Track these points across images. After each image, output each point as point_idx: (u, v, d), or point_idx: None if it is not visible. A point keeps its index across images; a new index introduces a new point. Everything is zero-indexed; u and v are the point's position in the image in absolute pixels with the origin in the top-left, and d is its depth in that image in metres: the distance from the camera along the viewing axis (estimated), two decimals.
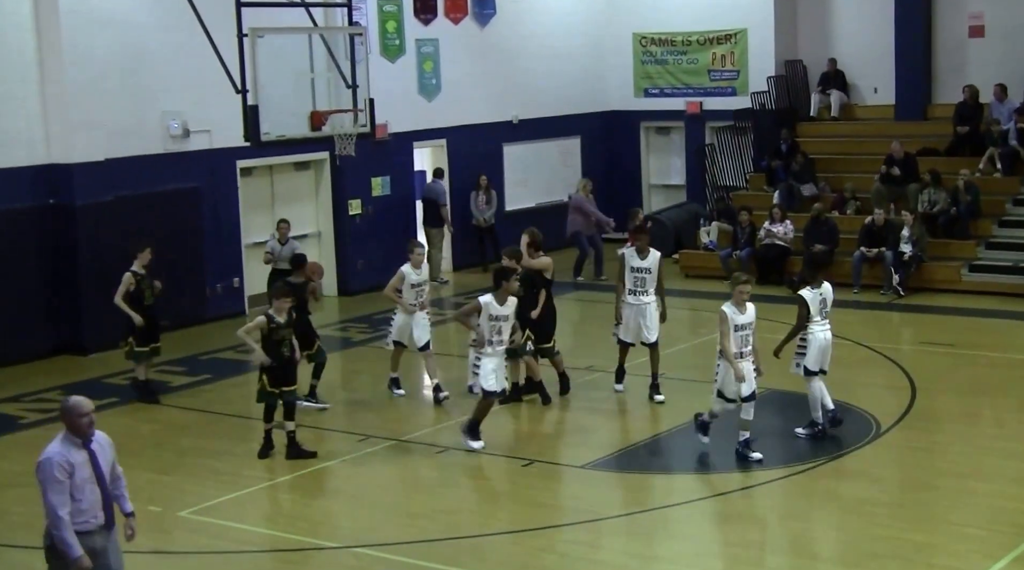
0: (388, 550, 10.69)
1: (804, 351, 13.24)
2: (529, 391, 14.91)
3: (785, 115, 25.17)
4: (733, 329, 12.33)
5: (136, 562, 10.55)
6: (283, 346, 13.09)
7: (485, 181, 24.32)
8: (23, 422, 15.04)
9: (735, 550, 10.69)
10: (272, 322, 13.03)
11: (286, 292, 13.41)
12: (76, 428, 8.11)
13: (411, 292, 15.09)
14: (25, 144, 17.84)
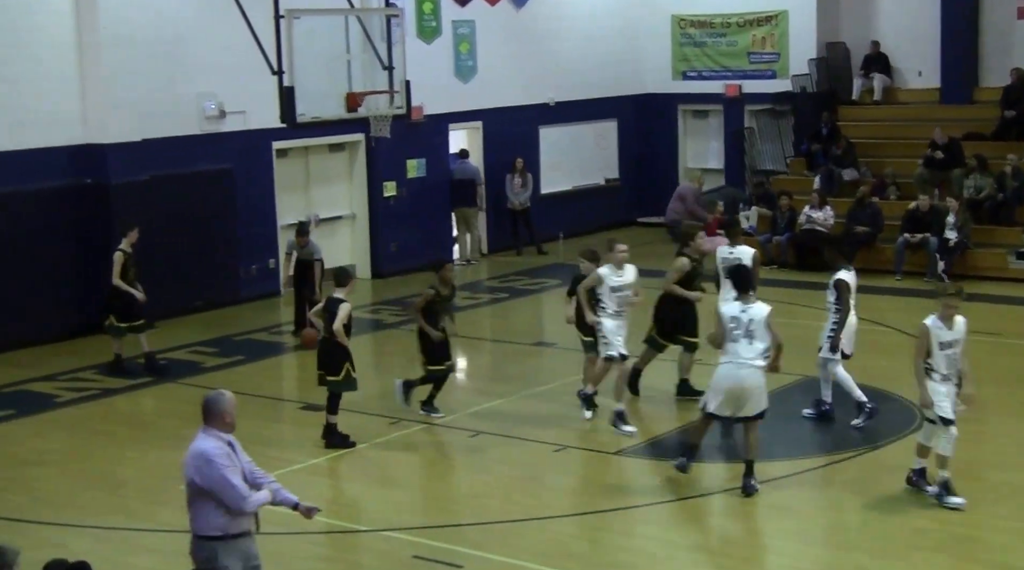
0: (418, 534, 10.62)
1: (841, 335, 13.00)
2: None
3: (826, 98, 24.88)
4: (938, 347, 10.81)
5: (168, 541, 10.56)
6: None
7: (520, 164, 24.19)
8: (58, 400, 15.08)
9: (771, 540, 10.56)
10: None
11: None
12: (223, 423, 7.78)
13: (612, 297, 13.23)
14: (62, 124, 17.85)
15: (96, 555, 9.53)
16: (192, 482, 7.66)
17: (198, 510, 7.70)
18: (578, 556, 10.21)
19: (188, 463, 7.70)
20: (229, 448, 7.77)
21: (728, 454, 12.63)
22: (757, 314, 11.08)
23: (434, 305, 13.52)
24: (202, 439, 7.73)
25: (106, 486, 12.16)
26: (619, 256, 13.32)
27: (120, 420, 14.49)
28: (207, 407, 7.81)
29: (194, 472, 7.64)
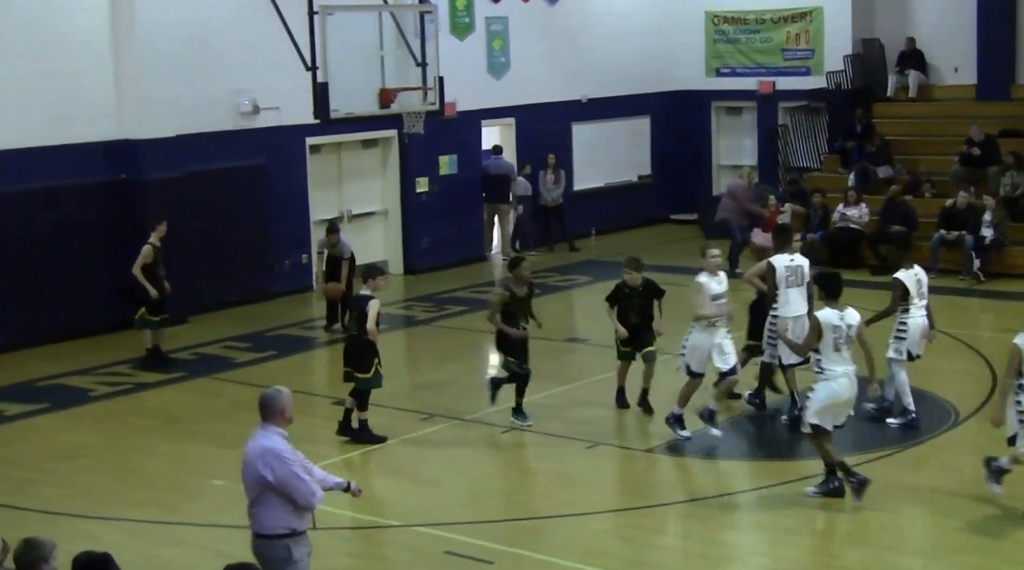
0: (449, 529, 10.62)
1: (904, 336, 12.89)
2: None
3: (861, 95, 24.71)
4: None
5: (199, 535, 10.61)
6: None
7: (553, 160, 24.16)
8: (93, 394, 15.16)
9: (804, 539, 10.49)
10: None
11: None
12: (283, 419, 7.76)
13: (711, 306, 12.61)
14: (97, 120, 17.95)
15: (128, 548, 9.60)
16: (262, 480, 7.58)
17: (267, 509, 7.64)
18: (610, 553, 10.18)
19: (255, 462, 7.61)
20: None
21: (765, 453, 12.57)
22: (854, 320, 10.84)
23: (509, 306, 13.23)
24: (266, 437, 7.67)
25: (139, 480, 12.22)
26: (712, 261, 12.84)
27: (153, 414, 14.55)
28: (266, 404, 7.76)
29: (266, 470, 7.57)
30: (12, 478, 12.17)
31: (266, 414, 7.76)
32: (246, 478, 7.72)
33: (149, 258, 15.83)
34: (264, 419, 7.77)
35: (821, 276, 11.61)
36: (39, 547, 6.91)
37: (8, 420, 14.21)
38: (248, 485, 7.71)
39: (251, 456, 7.67)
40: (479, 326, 18.93)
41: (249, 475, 7.68)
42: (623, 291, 13.46)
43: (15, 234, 17.13)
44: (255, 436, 7.75)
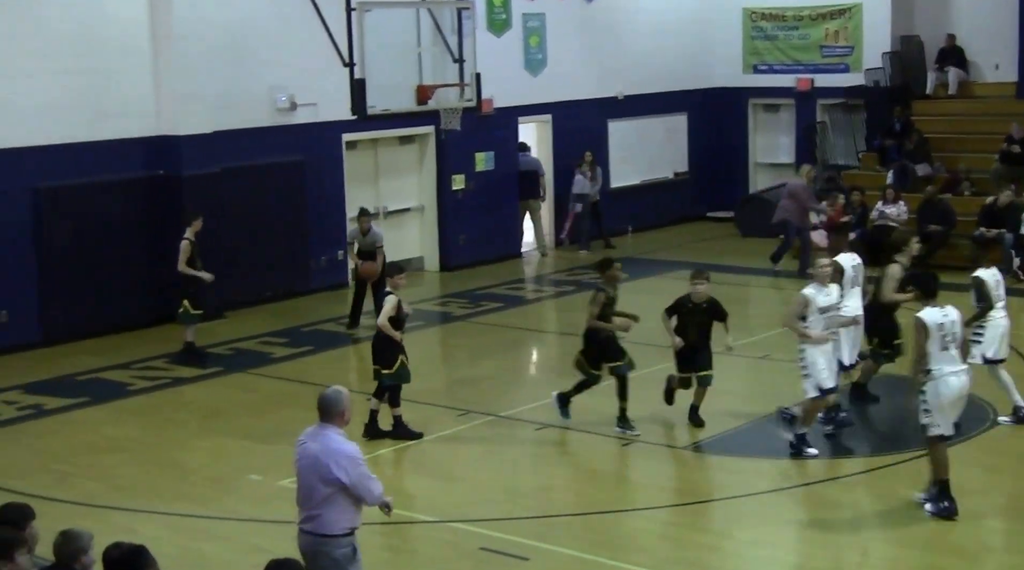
0: (484, 526, 10.64)
1: (980, 338, 12.58)
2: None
3: (900, 92, 24.56)
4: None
5: (237, 530, 10.67)
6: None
7: (590, 157, 24.13)
8: (131, 388, 15.26)
9: (840, 537, 10.45)
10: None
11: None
12: (342, 420, 7.78)
13: (820, 319, 11.95)
14: (136, 116, 18.07)
15: (166, 541, 9.67)
16: (336, 482, 7.57)
17: (335, 509, 7.63)
18: (646, 550, 10.17)
19: (327, 463, 7.57)
20: None
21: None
22: (956, 316, 10.62)
23: (604, 308, 12.90)
24: (333, 439, 7.66)
25: (176, 474, 12.30)
26: (822, 272, 12.11)
27: (190, 409, 14.65)
28: (327, 404, 7.74)
29: (340, 472, 7.57)
30: (53, 471, 12.29)
31: (326, 414, 7.74)
32: (309, 479, 7.64)
33: (188, 253, 15.93)
34: (323, 419, 7.74)
35: (919, 276, 11.37)
36: (77, 539, 6.97)
37: (48, 413, 14.33)
38: (312, 485, 7.63)
39: (320, 457, 7.60)
40: (514, 322, 19.01)
41: (315, 476, 7.61)
42: (686, 305, 12.88)
43: (55, 229, 17.26)
44: (317, 437, 7.70)
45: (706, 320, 12.88)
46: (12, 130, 16.77)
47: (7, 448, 13.12)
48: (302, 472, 7.73)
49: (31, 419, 14.14)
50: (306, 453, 7.71)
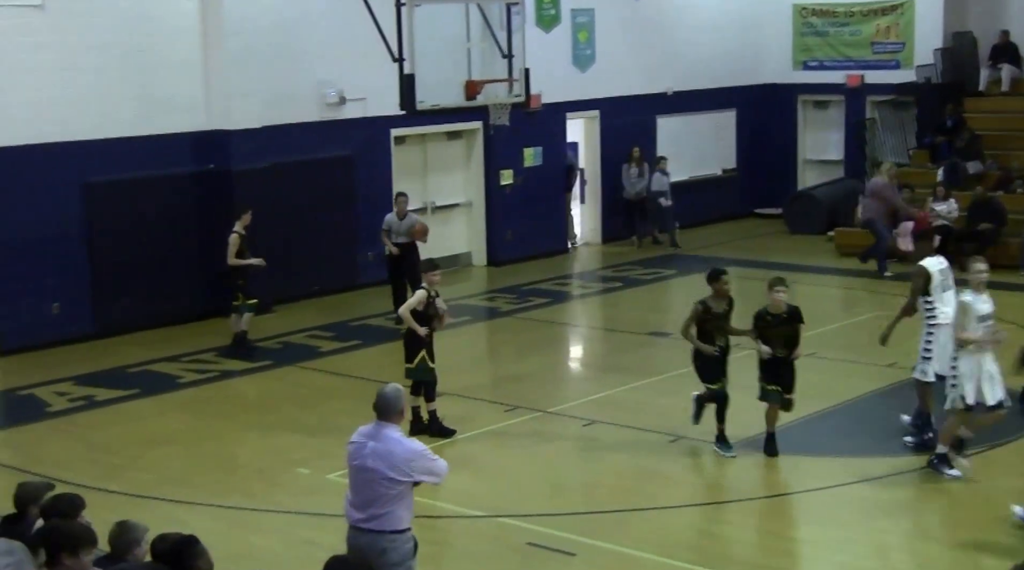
0: (531, 521, 10.66)
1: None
2: None
3: (951, 89, 24.34)
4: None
5: (285, 522, 10.75)
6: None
7: (638, 153, 24.09)
8: (181, 381, 15.40)
9: (886, 537, 10.38)
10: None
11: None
12: (401, 417, 7.85)
13: (979, 328, 11.05)
14: (187, 111, 18.23)
15: (216, 533, 9.74)
16: (411, 479, 7.62)
17: (403, 504, 7.66)
18: (692, 547, 10.16)
19: (400, 464, 7.57)
20: None
21: (848, 449, 12.45)
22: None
23: (705, 323, 12.07)
24: (398, 438, 7.67)
25: (226, 466, 12.40)
26: (979, 277, 11.17)
27: (239, 402, 14.76)
28: (387, 402, 7.75)
29: (416, 471, 7.63)
30: (104, 462, 12.41)
31: (385, 413, 7.74)
32: (373, 479, 7.61)
33: (236, 246, 16.05)
34: (381, 417, 7.74)
35: None
36: (132, 530, 7.05)
37: (100, 405, 14.48)
38: (376, 485, 7.60)
39: (387, 458, 7.59)
40: (561, 318, 19.02)
41: (380, 477, 7.59)
42: (764, 319, 11.93)
43: (106, 223, 17.44)
44: (379, 436, 7.67)
45: (790, 330, 11.92)
46: (64, 125, 16.96)
47: (59, 439, 13.27)
48: (362, 473, 7.67)
49: (82, 410, 14.30)
50: (366, 453, 7.66)
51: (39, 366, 16.06)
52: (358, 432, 7.87)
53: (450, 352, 16.06)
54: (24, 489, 7.79)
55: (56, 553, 6.08)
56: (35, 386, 15.23)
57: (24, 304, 16.75)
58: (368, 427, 7.82)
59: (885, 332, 12.65)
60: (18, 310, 16.70)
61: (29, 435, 13.54)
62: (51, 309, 17.02)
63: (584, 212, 24.77)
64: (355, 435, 7.87)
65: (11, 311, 16.64)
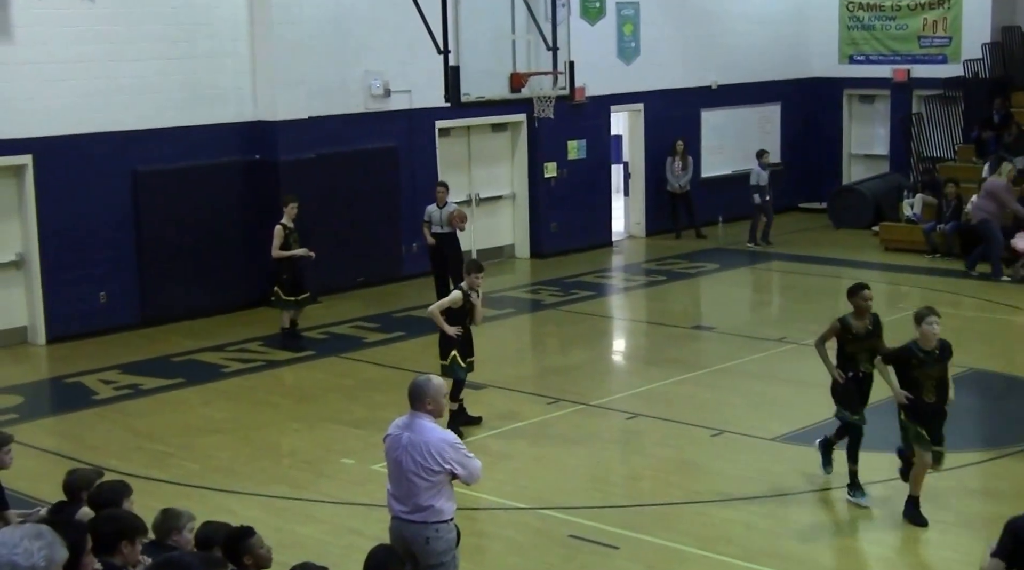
0: (572, 513, 10.69)
1: None
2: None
3: (999, 84, 24.12)
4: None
5: (331, 512, 10.82)
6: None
7: (681, 146, 24.05)
8: (226, 371, 15.52)
9: (928, 532, 10.33)
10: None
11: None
12: (425, 408, 7.76)
13: None
14: (234, 101, 18.36)
15: (263, 523, 9.79)
16: (447, 469, 7.63)
17: (444, 494, 7.70)
18: (734, 541, 10.16)
19: (435, 454, 7.59)
20: None
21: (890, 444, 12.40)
22: None
23: (846, 345, 10.84)
24: (431, 427, 7.69)
25: (272, 456, 12.50)
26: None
27: (284, 392, 14.86)
28: (420, 392, 7.74)
29: (449, 461, 7.63)
30: (151, 451, 12.54)
31: (417, 401, 7.75)
32: (411, 470, 7.63)
33: (281, 238, 16.11)
34: (414, 407, 7.76)
35: None
36: (176, 517, 7.16)
37: (145, 394, 14.63)
38: (415, 477, 7.63)
39: (422, 449, 7.62)
40: (605, 311, 19.04)
41: (418, 467, 7.62)
42: (916, 355, 10.25)
43: (153, 212, 17.60)
44: (412, 427, 7.70)
45: (941, 371, 10.33)
46: (113, 114, 17.13)
47: (106, 427, 13.42)
48: (400, 464, 7.70)
49: (128, 399, 14.44)
50: (403, 444, 7.70)
51: (86, 354, 16.25)
52: (393, 424, 7.92)
53: (493, 344, 16.14)
54: (75, 476, 7.90)
55: (117, 541, 6.17)
56: (82, 374, 15.40)
57: (72, 293, 16.93)
58: (403, 418, 7.87)
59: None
60: (66, 298, 16.88)
61: (76, 423, 13.70)
62: (99, 298, 17.20)
63: (628, 205, 24.75)
64: (391, 427, 7.93)
65: (59, 299, 16.83)
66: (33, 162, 16.54)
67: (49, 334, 16.79)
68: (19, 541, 4.05)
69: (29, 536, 4.06)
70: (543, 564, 9.84)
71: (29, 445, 12.23)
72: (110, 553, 6.10)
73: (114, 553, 6.14)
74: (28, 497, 10.22)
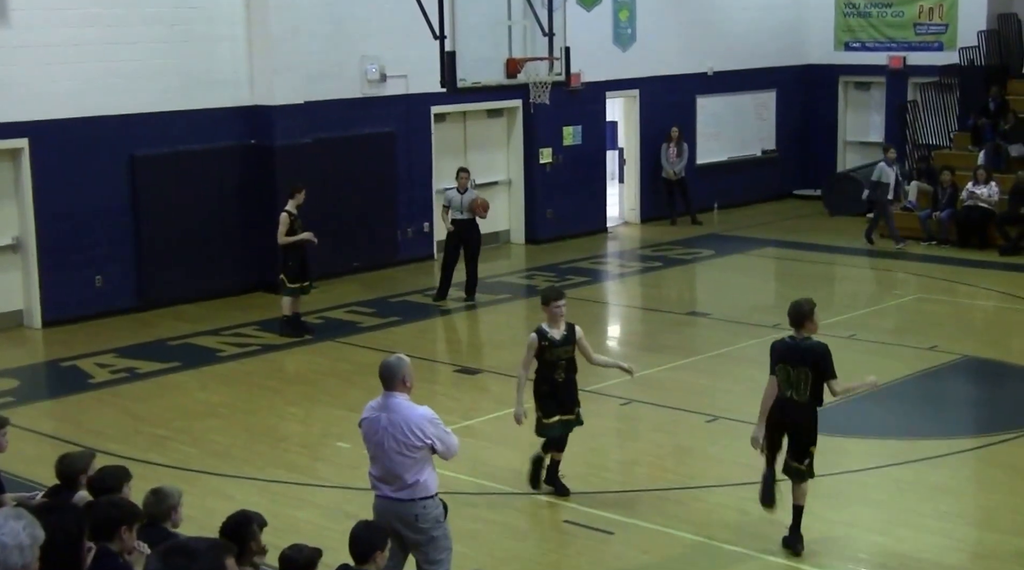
0: (568, 499, 10.72)
1: None
2: None
3: (995, 72, 24.15)
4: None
5: (328, 496, 10.86)
6: None
7: (677, 133, 24.07)
8: (222, 355, 15.55)
9: (924, 519, 10.40)
10: None
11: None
12: (403, 387, 7.93)
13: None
14: (230, 85, 18.35)
15: (260, 506, 9.78)
16: (428, 445, 7.76)
17: (427, 469, 7.82)
18: (729, 526, 10.22)
19: (414, 430, 7.72)
20: None
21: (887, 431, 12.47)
22: None
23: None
24: (407, 404, 7.81)
25: (269, 440, 12.53)
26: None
27: (280, 376, 14.89)
28: (391, 372, 7.86)
29: (428, 436, 7.75)
30: (148, 434, 12.57)
31: (389, 381, 7.87)
32: (392, 449, 7.75)
33: (287, 225, 16.06)
34: (387, 387, 7.88)
35: None
36: (168, 497, 7.20)
37: (142, 377, 14.65)
38: (396, 455, 7.75)
39: (401, 426, 7.73)
40: (600, 297, 19.08)
41: (399, 445, 7.74)
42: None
43: (152, 197, 17.59)
44: (387, 407, 7.81)
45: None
46: (109, 98, 17.12)
47: (103, 411, 13.45)
48: (382, 446, 7.81)
49: (125, 382, 14.47)
50: (383, 426, 7.80)
51: (82, 338, 16.27)
52: (368, 407, 8.03)
53: (489, 330, 16.19)
54: (69, 460, 7.90)
55: (116, 527, 6.22)
56: (78, 358, 15.43)
57: (68, 276, 16.94)
58: (376, 400, 7.98)
59: None
60: (62, 282, 16.89)
61: (73, 406, 13.73)
62: (95, 281, 17.21)
63: (623, 191, 24.77)
64: (365, 411, 8.04)
65: (55, 283, 16.83)
66: (29, 146, 16.53)
67: (45, 317, 16.80)
68: (4, 522, 4.32)
69: (12, 517, 4.31)
70: (539, 549, 9.89)
71: (26, 428, 12.27)
72: (108, 539, 6.14)
73: (112, 539, 6.18)
74: (26, 480, 10.26)
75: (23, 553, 4.24)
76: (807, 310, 9.54)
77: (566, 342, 10.57)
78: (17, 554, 4.22)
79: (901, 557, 9.63)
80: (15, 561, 4.22)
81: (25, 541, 4.24)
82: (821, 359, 9.32)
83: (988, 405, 13.13)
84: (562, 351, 10.54)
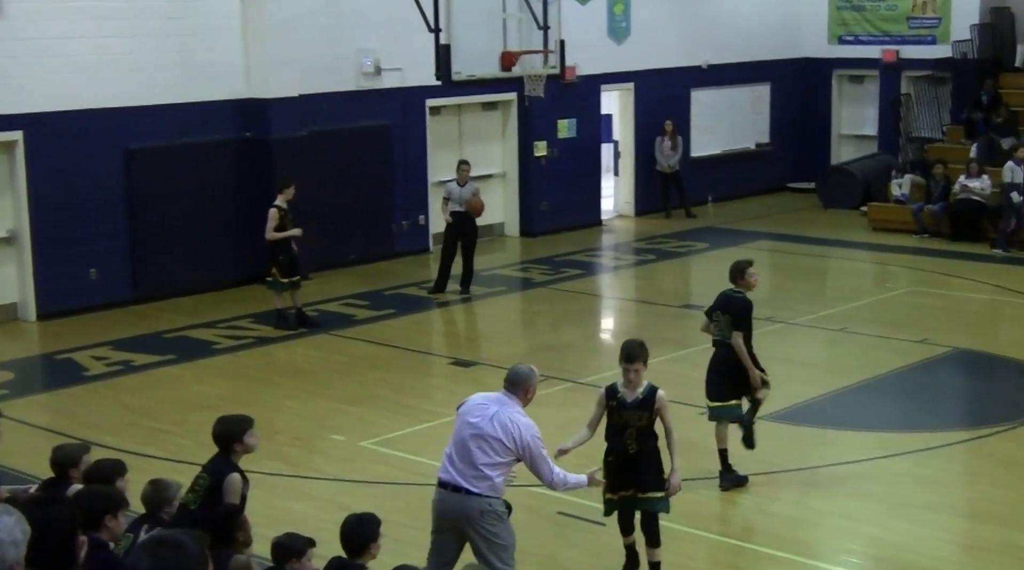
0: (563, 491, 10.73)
1: None
2: None
3: (988, 65, 24.20)
4: None
5: (323, 488, 10.91)
6: None
7: (671, 126, 24.10)
8: (217, 347, 15.58)
9: (914, 511, 10.47)
10: None
11: None
12: (524, 398, 8.10)
13: None
14: (226, 78, 18.36)
15: (258, 499, 9.89)
16: (518, 454, 7.89)
17: (504, 475, 7.95)
18: (722, 519, 10.29)
19: (518, 437, 7.86)
20: None
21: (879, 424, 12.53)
22: None
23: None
24: (519, 411, 7.97)
25: (264, 433, 12.36)
26: None
27: (275, 369, 14.92)
28: (519, 378, 8.05)
29: (531, 450, 7.91)
30: (144, 427, 12.60)
31: (513, 385, 8.02)
32: (492, 441, 7.84)
33: (276, 220, 16.08)
34: (509, 389, 8.02)
35: None
36: (166, 488, 7.26)
37: (137, 370, 14.68)
38: (488, 447, 7.84)
39: (508, 426, 7.86)
40: (595, 290, 19.13)
41: (501, 440, 7.84)
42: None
43: (147, 189, 17.62)
44: (507, 408, 7.93)
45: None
46: (105, 90, 17.14)
47: (98, 403, 13.49)
48: (479, 428, 7.86)
49: (120, 375, 14.49)
50: (490, 414, 7.89)
51: (77, 330, 16.29)
52: (483, 395, 8.16)
53: (484, 322, 16.24)
54: (63, 452, 7.92)
55: (101, 516, 6.27)
56: (73, 350, 15.45)
57: (63, 269, 16.97)
58: (492, 394, 8.08)
59: None
60: (57, 275, 16.92)
61: (68, 399, 13.75)
62: (90, 274, 17.23)
63: (618, 184, 24.82)
64: (478, 396, 8.16)
65: (50, 275, 16.86)
66: (24, 138, 16.55)
67: (40, 310, 16.83)
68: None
69: (3, 513, 4.33)
70: (533, 540, 9.93)
71: (21, 421, 12.31)
72: (95, 528, 6.19)
73: (99, 528, 6.23)
74: (21, 473, 10.30)
75: (18, 548, 4.28)
76: (742, 266, 10.97)
77: (640, 407, 9.01)
78: (13, 549, 4.26)
79: (893, 548, 9.70)
80: (12, 556, 4.25)
81: (19, 536, 4.29)
82: (739, 311, 10.79)
83: (980, 398, 13.19)
84: (633, 416, 8.99)
